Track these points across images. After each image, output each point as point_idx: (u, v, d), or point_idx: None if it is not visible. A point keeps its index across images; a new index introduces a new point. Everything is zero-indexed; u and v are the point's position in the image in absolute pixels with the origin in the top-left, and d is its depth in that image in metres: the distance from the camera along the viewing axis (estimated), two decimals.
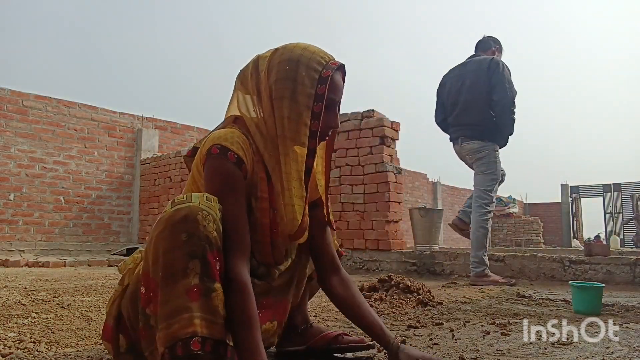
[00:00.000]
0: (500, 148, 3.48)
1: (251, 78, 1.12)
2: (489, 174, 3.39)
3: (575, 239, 15.55)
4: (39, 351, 1.31)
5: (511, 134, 3.41)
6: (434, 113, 3.72)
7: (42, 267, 4.55)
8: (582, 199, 17.67)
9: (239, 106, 1.14)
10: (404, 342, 1.17)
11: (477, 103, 3.35)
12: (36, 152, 6.25)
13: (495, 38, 3.65)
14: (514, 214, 15.10)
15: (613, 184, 17.32)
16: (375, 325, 1.17)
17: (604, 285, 2.18)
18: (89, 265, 4.77)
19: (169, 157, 6.81)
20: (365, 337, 1.38)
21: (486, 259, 3.35)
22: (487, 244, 3.43)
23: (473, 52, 3.68)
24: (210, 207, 0.94)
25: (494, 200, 3.42)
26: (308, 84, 1.06)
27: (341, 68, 1.13)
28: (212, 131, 1.11)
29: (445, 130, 3.68)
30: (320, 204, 1.24)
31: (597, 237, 13.53)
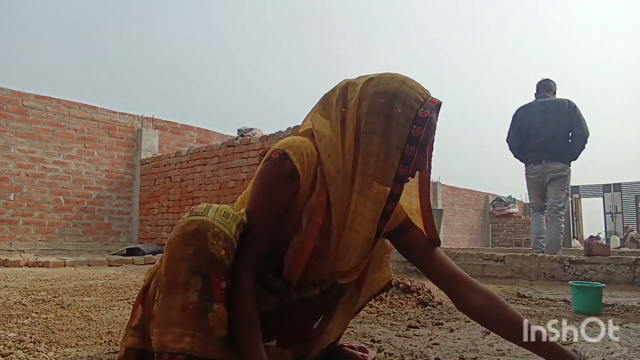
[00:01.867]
0: None
1: (336, 104, 1.03)
2: (566, 190, 4.37)
3: (575, 239, 15.54)
4: (39, 351, 1.31)
5: (575, 159, 4.38)
6: (507, 137, 4.61)
7: (42, 267, 4.54)
8: (582, 199, 17.65)
9: (315, 130, 1.04)
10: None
11: (560, 134, 4.31)
12: (36, 152, 6.25)
13: (552, 80, 4.60)
14: (514, 214, 15.09)
15: (613, 184, 17.31)
16: (549, 343, 1.04)
17: (604, 285, 2.18)
18: (89, 265, 4.77)
19: (169, 157, 6.81)
20: (371, 348, 1.38)
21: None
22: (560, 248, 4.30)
23: (535, 92, 4.61)
24: (225, 224, 0.92)
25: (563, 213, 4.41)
26: (403, 123, 0.96)
27: (438, 107, 1.02)
28: (288, 136, 1.05)
29: (519, 153, 4.55)
30: (408, 228, 1.14)
31: (591, 237, 13.51)
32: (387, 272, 1.29)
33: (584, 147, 4.32)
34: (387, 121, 0.96)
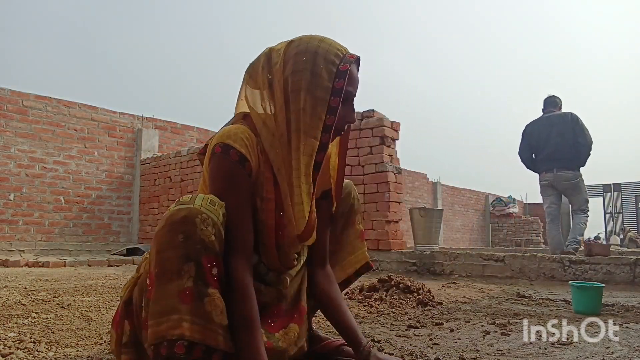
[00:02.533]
0: None
1: (262, 71, 1.08)
2: (584, 194, 4.72)
3: None
4: (39, 351, 1.31)
5: (583, 165, 4.71)
6: (518, 150, 4.95)
7: (42, 267, 4.54)
8: None
9: (247, 102, 1.09)
10: (373, 347, 1.17)
11: (565, 145, 4.63)
12: (36, 152, 6.25)
13: (558, 96, 4.96)
14: (514, 214, 15.09)
15: (613, 184, 17.28)
16: (351, 327, 1.15)
17: (604, 285, 2.18)
18: (89, 265, 4.77)
19: (169, 157, 6.81)
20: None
21: (580, 239, 4.53)
22: (583, 235, 4.79)
23: (543, 107, 4.96)
24: (212, 211, 0.92)
25: (588, 211, 4.80)
26: (326, 77, 1.03)
27: (357, 61, 1.10)
28: (222, 127, 1.08)
29: (530, 163, 4.91)
30: (328, 197, 1.20)
31: (589, 238, 13.50)
32: (360, 255, 1.33)
33: (590, 154, 4.65)
34: (312, 77, 1.03)
